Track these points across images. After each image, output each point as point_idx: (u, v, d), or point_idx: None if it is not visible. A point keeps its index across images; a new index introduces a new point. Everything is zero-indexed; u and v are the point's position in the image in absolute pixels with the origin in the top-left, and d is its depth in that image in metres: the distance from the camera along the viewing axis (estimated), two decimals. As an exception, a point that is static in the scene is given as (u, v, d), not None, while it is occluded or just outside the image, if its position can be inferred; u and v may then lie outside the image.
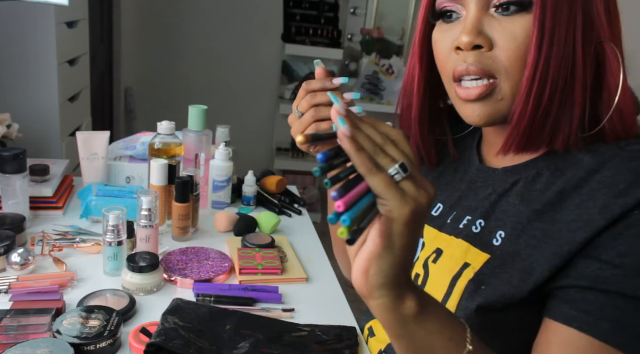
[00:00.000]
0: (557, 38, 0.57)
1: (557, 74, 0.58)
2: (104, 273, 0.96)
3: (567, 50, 0.58)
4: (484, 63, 0.61)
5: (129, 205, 1.02)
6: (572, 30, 0.58)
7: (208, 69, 3.55)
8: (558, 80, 0.58)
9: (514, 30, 0.59)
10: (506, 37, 0.59)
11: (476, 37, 0.60)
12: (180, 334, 0.76)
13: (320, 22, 3.45)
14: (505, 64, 0.60)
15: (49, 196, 1.16)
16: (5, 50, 1.65)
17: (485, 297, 0.62)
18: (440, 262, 0.70)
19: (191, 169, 1.14)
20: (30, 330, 0.75)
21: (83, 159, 1.22)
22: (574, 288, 0.56)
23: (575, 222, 0.58)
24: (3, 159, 1.04)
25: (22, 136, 1.46)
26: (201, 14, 3.44)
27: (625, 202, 0.55)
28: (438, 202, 0.77)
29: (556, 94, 0.59)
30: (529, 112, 0.60)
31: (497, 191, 0.68)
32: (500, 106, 0.62)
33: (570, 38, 0.58)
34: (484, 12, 0.60)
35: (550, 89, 0.59)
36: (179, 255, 1.03)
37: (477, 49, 0.61)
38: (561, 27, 0.57)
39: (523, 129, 0.61)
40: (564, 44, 0.58)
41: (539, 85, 0.58)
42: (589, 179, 0.59)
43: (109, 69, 2.92)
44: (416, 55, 0.71)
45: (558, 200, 0.61)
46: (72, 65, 1.87)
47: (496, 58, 0.60)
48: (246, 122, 3.54)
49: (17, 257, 0.91)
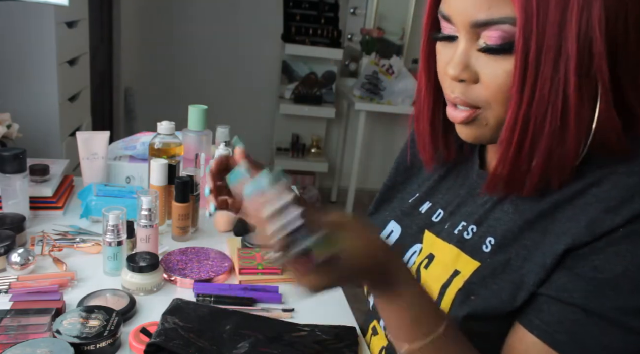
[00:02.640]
0: (540, 82, 0.55)
1: (543, 118, 0.56)
2: (104, 273, 0.96)
3: (556, 92, 0.55)
4: (467, 95, 0.61)
5: (129, 205, 1.02)
6: (564, 70, 0.54)
7: (208, 69, 3.55)
8: (544, 123, 0.56)
9: (497, 70, 0.58)
10: (490, 75, 0.59)
11: (461, 72, 0.60)
12: (180, 334, 0.76)
13: (320, 22, 3.45)
14: (488, 100, 0.60)
15: (49, 196, 1.16)
16: (5, 50, 1.65)
17: (473, 307, 0.62)
18: (431, 268, 0.70)
19: (191, 169, 1.14)
20: (30, 330, 0.75)
21: (83, 159, 1.22)
22: (544, 297, 0.58)
23: (564, 234, 0.57)
24: (3, 159, 1.04)
25: (22, 136, 1.46)
26: (201, 14, 3.44)
27: (613, 221, 0.54)
28: (439, 208, 0.76)
29: (541, 137, 0.57)
30: (509, 159, 0.59)
31: (493, 199, 0.67)
32: (485, 130, 0.62)
33: (560, 79, 0.54)
34: (472, 44, 0.60)
35: (532, 134, 0.57)
36: (179, 255, 1.03)
37: (462, 82, 0.61)
38: (546, 70, 0.54)
39: (506, 176, 0.61)
40: (549, 87, 0.55)
41: (520, 130, 0.57)
42: (585, 193, 0.58)
43: (109, 69, 2.92)
44: (422, 63, 0.71)
45: (551, 211, 0.60)
46: (72, 65, 1.87)
47: (480, 93, 0.60)
48: (246, 122, 3.54)
49: (17, 257, 0.91)
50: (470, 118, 0.62)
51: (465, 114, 0.62)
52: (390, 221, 0.82)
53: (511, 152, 0.59)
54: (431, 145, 0.74)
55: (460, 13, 0.58)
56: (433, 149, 0.75)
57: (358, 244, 0.56)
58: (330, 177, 3.81)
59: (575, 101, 0.55)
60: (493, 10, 0.55)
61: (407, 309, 0.59)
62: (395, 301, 0.59)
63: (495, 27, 0.56)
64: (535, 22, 0.53)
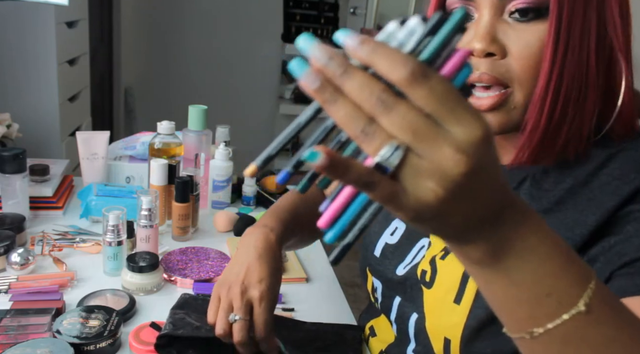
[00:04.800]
0: (571, 48, 0.56)
1: (571, 85, 0.57)
2: (104, 273, 0.96)
3: (582, 60, 0.56)
4: (497, 72, 0.59)
5: (129, 205, 1.02)
6: (587, 38, 0.56)
7: (208, 69, 3.55)
8: (572, 90, 0.57)
9: (528, 39, 0.57)
10: (521, 45, 0.57)
11: (490, 45, 0.58)
12: (188, 322, 0.76)
13: (320, 22, 3.46)
14: (519, 73, 0.58)
15: (49, 196, 1.16)
16: (5, 50, 1.65)
17: None
18: (449, 259, 0.69)
19: (191, 169, 1.14)
20: (30, 330, 0.76)
21: (83, 159, 1.23)
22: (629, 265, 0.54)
23: (586, 213, 0.57)
24: (3, 159, 1.04)
25: (22, 136, 1.46)
26: (201, 14, 3.44)
27: (635, 184, 0.55)
28: None
29: (570, 104, 0.57)
30: (542, 123, 0.58)
31: None
32: (513, 115, 0.61)
33: (584, 47, 0.56)
34: (497, 18, 0.58)
35: (563, 100, 0.57)
36: (179, 255, 1.03)
37: (489, 57, 0.59)
38: (575, 35, 0.56)
39: (536, 141, 0.60)
40: (578, 53, 0.56)
41: (552, 96, 0.57)
42: (597, 174, 0.59)
43: (109, 69, 2.92)
44: None
45: (569, 197, 0.60)
46: (72, 65, 1.87)
47: (510, 67, 0.58)
48: (246, 122, 3.54)
49: (17, 257, 0.91)
50: (499, 103, 0.59)
51: (493, 98, 0.59)
52: (394, 218, 0.81)
53: (543, 119, 0.58)
54: None
55: None
56: None
57: None
58: (330, 177, 3.81)
59: (595, 70, 0.56)
60: None
61: (531, 284, 0.37)
62: (503, 271, 0.37)
63: None
64: None
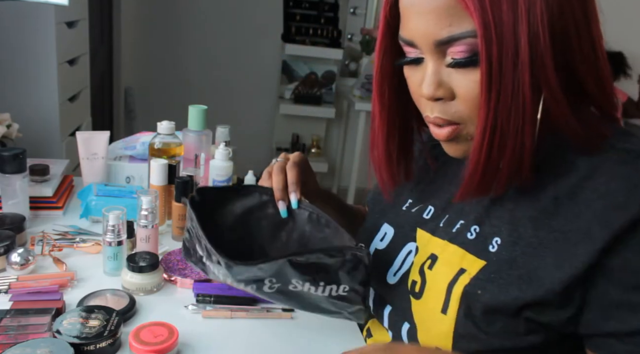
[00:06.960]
0: (503, 90, 0.56)
1: (507, 124, 0.58)
2: (104, 273, 0.96)
3: (516, 94, 0.57)
4: (448, 113, 0.63)
5: (129, 205, 1.02)
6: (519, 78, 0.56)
7: (208, 69, 3.55)
8: (509, 125, 0.58)
9: (469, 83, 0.59)
10: (464, 88, 0.60)
11: (436, 91, 0.61)
12: None
13: (320, 22, 3.45)
14: (467, 113, 0.61)
15: (49, 196, 1.16)
16: (5, 50, 1.65)
17: (483, 302, 0.62)
18: (436, 268, 0.70)
19: (191, 169, 1.14)
20: (30, 330, 0.75)
21: (83, 159, 1.23)
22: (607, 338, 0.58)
23: (573, 233, 0.58)
24: (3, 159, 1.04)
25: (22, 136, 1.46)
26: (201, 14, 3.44)
27: (625, 217, 0.56)
28: (429, 205, 0.77)
29: (507, 141, 0.59)
30: (482, 159, 0.60)
31: (489, 196, 0.68)
32: (471, 144, 0.63)
33: (517, 87, 0.56)
34: (441, 63, 0.61)
35: (499, 137, 0.58)
36: (179, 255, 1.03)
37: (439, 100, 0.62)
38: (507, 78, 0.56)
39: (479, 176, 0.61)
40: (510, 95, 0.57)
41: (489, 135, 0.58)
42: (582, 186, 0.60)
43: (109, 69, 2.92)
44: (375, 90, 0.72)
45: (554, 207, 0.61)
46: (72, 65, 1.87)
47: (458, 107, 0.62)
48: (246, 122, 3.54)
49: (17, 257, 0.91)
50: (454, 134, 0.64)
51: (448, 131, 0.64)
52: (383, 223, 0.82)
53: (482, 157, 0.60)
54: (388, 173, 0.76)
55: (422, 35, 0.60)
56: (390, 176, 0.76)
57: None
58: (330, 177, 3.81)
59: (530, 96, 0.57)
60: (453, 27, 0.57)
61: None
62: None
63: (458, 43, 0.58)
64: (493, 30, 0.55)
